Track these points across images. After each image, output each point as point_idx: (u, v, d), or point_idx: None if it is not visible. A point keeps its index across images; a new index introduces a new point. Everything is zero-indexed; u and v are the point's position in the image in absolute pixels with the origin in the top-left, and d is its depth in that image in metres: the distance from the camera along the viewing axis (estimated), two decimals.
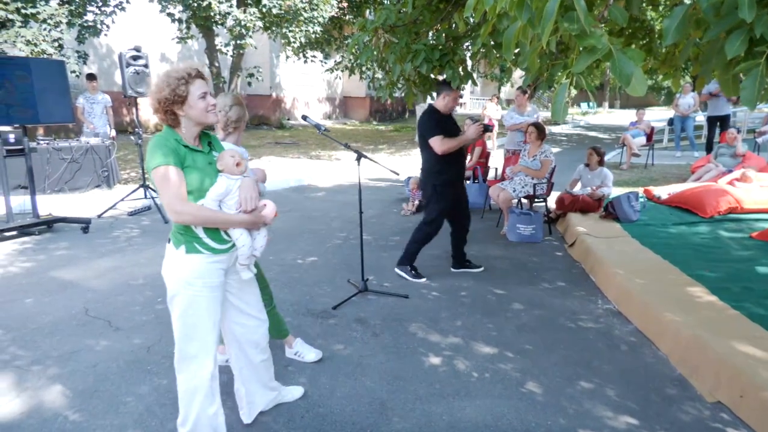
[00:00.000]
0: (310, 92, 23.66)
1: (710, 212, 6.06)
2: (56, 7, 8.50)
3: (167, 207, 2.04)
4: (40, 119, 5.81)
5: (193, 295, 2.13)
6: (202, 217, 2.08)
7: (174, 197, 2.01)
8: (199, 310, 2.15)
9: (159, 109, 2.08)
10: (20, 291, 4.22)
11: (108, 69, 15.50)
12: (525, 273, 4.76)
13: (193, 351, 2.18)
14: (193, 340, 2.17)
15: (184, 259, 2.11)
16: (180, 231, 2.12)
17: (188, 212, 2.05)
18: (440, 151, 4.25)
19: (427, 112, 4.40)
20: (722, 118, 10.48)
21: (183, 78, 2.05)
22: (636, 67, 1.80)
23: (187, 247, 2.11)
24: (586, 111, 32.17)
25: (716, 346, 2.92)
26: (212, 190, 2.10)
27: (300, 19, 10.45)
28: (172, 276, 2.15)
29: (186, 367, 2.20)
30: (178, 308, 2.15)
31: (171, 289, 2.15)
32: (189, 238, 2.11)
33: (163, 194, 2.02)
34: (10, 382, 2.90)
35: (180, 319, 2.16)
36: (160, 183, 2.01)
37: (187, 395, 2.22)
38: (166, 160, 2.00)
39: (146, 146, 2.13)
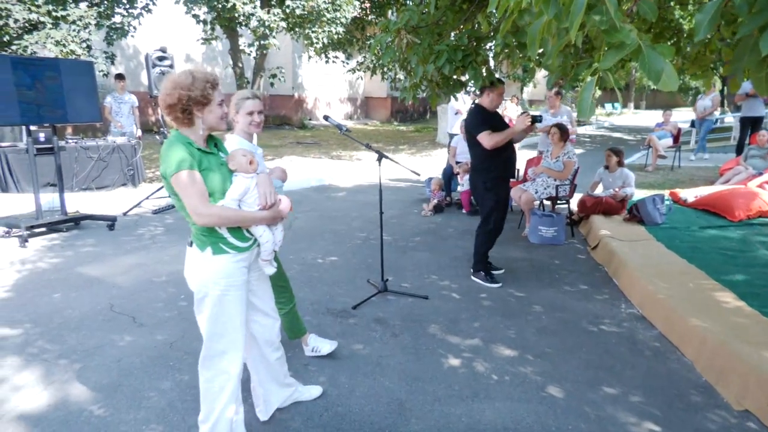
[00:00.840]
0: (331, 92, 23.77)
1: (739, 216, 5.91)
2: (85, 9, 8.69)
3: (192, 211, 2.02)
4: (69, 119, 5.96)
5: (222, 295, 2.14)
6: (226, 217, 2.09)
7: (198, 201, 2.01)
8: (229, 309, 2.17)
9: (177, 108, 2.04)
10: (48, 286, 4.32)
11: (134, 70, 15.80)
12: (546, 275, 4.70)
13: (221, 349, 2.21)
14: (223, 338, 2.20)
15: (212, 260, 2.13)
16: (204, 233, 2.12)
17: (214, 214, 2.05)
18: (489, 146, 4.24)
19: (473, 111, 4.44)
20: (756, 120, 10.20)
21: (209, 82, 2.08)
22: (666, 62, 1.76)
23: (213, 248, 2.12)
24: (610, 112, 31.67)
25: (744, 353, 2.84)
26: (231, 190, 2.12)
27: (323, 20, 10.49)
28: (199, 278, 2.16)
29: (214, 365, 2.23)
30: (207, 309, 2.17)
31: (199, 291, 2.16)
32: (214, 240, 2.12)
33: (187, 198, 2.01)
34: (38, 374, 2.97)
35: (210, 320, 2.18)
36: (181, 188, 2.00)
37: (211, 393, 2.24)
38: (185, 165, 1.99)
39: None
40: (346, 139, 15.88)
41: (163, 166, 2.03)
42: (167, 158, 2.01)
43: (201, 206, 2.02)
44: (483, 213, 4.51)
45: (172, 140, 2.06)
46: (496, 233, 4.51)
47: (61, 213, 6.06)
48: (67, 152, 7.60)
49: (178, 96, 2.02)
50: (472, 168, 4.60)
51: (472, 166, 4.60)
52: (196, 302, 2.20)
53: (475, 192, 4.64)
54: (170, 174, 2.00)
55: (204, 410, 2.28)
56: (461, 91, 4.92)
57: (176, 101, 2.03)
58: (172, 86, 2.04)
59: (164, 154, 2.03)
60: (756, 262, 4.52)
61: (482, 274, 4.51)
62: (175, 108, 2.04)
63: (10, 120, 5.54)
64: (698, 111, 11.51)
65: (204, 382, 2.26)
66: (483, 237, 4.51)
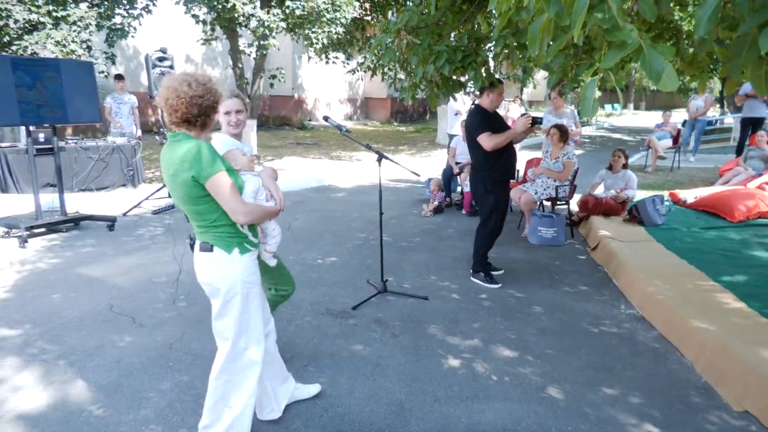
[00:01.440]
0: (331, 93, 23.76)
1: (739, 216, 5.91)
2: (86, 10, 8.69)
3: (235, 209, 2.04)
4: (69, 119, 5.95)
5: (248, 292, 2.21)
6: (258, 213, 2.18)
7: (239, 199, 2.07)
8: (254, 304, 2.25)
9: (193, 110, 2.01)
10: (48, 287, 4.32)
11: (134, 70, 15.79)
12: (546, 276, 4.70)
13: (243, 346, 2.26)
14: (246, 334, 2.25)
15: (240, 260, 2.17)
16: (230, 234, 2.14)
17: (252, 211, 2.13)
18: (489, 148, 4.25)
19: (473, 112, 4.43)
20: (756, 121, 10.20)
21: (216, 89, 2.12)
22: (666, 63, 1.76)
23: (240, 248, 2.17)
24: (610, 113, 31.67)
25: (744, 354, 2.84)
26: (247, 188, 2.20)
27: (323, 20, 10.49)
28: (228, 279, 2.16)
29: (237, 366, 2.26)
30: (236, 308, 2.19)
31: (228, 292, 2.17)
32: (239, 240, 2.17)
33: (227, 198, 2.03)
34: (38, 375, 2.97)
35: (240, 318, 2.21)
36: (221, 188, 2.01)
37: (227, 393, 2.26)
38: (222, 166, 2.03)
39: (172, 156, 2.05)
40: (345, 140, 15.88)
41: (196, 168, 1.97)
42: (202, 160, 1.97)
43: (241, 204, 2.07)
44: (483, 214, 4.51)
45: (196, 143, 2.01)
46: (495, 234, 4.51)
47: (61, 213, 6.05)
48: (66, 153, 7.59)
49: (211, 102, 2.06)
50: (473, 169, 4.60)
51: (473, 167, 4.60)
52: (221, 306, 2.20)
53: (475, 193, 4.64)
54: (209, 175, 1.98)
55: (212, 415, 2.28)
56: (461, 92, 4.92)
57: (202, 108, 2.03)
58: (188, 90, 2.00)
59: (196, 157, 1.97)
60: (756, 262, 4.52)
61: (482, 274, 4.51)
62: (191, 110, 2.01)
63: (10, 120, 5.53)
64: (691, 111, 11.48)
65: (222, 385, 2.26)
66: (483, 238, 4.51)
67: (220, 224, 2.12)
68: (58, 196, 6.08)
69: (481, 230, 4.52)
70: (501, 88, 4.38)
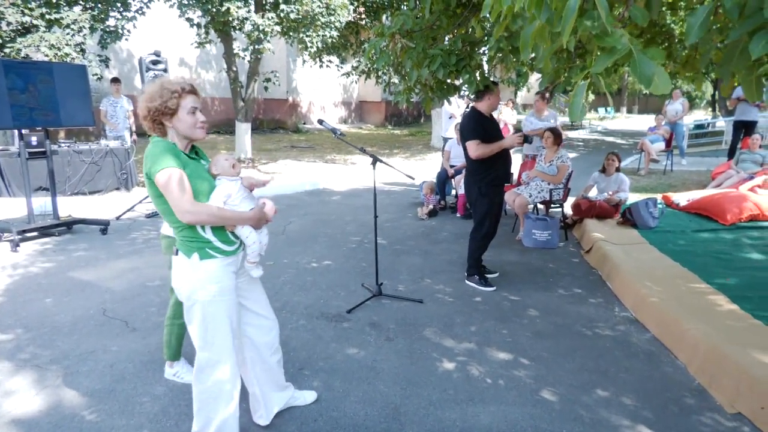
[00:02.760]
0: (326, 96, 23.78)
1: (731, 219, 5.95)
2: (79, 13, 8.66)
3: (178, 208, 2.00)
4: (62, 122, 5.92)
5: (212, 301, 2.13)
6: (214, 215, 2.07)
7: (186, 198, 2.00)
8: (219, 314, 2.15)
9: (147, 117, 2.08)
10: (40, 291, 4.29)
11: (128, 73, 15.75)
12: (540, 279, 4.72)
13: (215, 357, 2.19)
14: (213, 345, 2.17)
15: (199, 266, 2.11)
16: (189, 238, 2.11)
17: (202, 211, 2.04)
18: (474, 156, 4.29)
19: (468, 116, 4.45)
20: (749, 124, 10.28)
21: (176, 92, 2.06)
22: (657, 66, 1.77)
23: (200, 253, 2.10)
24: (603, 116, 31.85)
25: (737, 356, 2.86)
26: (216, 193, 2.12)
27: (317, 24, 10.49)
28: (187, 285, 2.14)
29: (207, 377, 2.20)
30: (198, 316, 2.14)
31: (189, 298, 2.14)
32: (200, 244, 2.11)
33: (173, 196, 1.99)
34: (30, 380, 2.94)
35: (200, 327, 2.16)
36: (167, 185, 1.98)
37: (206, 402, 2.23)
38: (172, 163, 1.99)
39: None
40: (340, 143, 15.89)
41: (148, 165, 2.02)
42: (152, 157, 2.02)
43: (188, 204, 2.00)
44: (477, 217, 4.52)
45: (158, 143, 2.07)
46: (489, 237, 4.52)
47: (54, 217, 6.02)
48: (59, 156, 7.57)
49: (146, 107, 2.07)
50: (468, 171, 4.61)
51: (468, 169, 4.61)
52: (185, 311, 2.18)
53: (469, 195, 4.64)
54: (155, 172, 1.99)
55: (199, 421, 2.26)
56: (455, 95, 4.93)
57: (146, 112, 2.08)
58: (143, 98, 2.09)
59: (149, 154, 2.04)
60: (748, 264, 4.55)
61: (476, 277, 4.52)
62: (146, 119, 2.09)
63: (2, 124, 5.50)
64: (669, 115, 11.50)
65: (199, 394, 2.23)
66: (476, 241, 4.52)
67: (179, 227, 2.11)
68: (50, 199, 6.04)
69: (475, 233, 4.52)
70: (498, 90, 4.42)
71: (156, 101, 2.05)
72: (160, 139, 2.11)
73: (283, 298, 4.18)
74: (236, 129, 11.66)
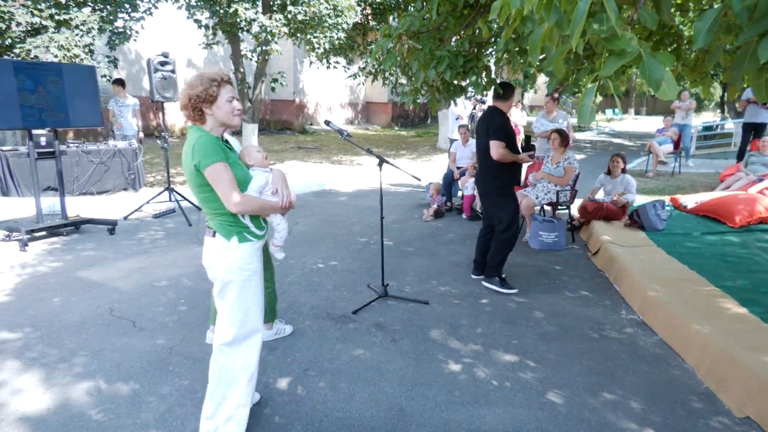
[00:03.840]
0: (332, 97, 23.81)
1: (740, 222, 5.91)
2: (88, 14, 8.72)
3: (228, 199, 2.16)
4: (70, 123, 5.96)
5: (246, 280, 2.30)
6: (257, 205, 2.29)
7: (233, 189, 2.17)
8: (251, 293, 2.33)
9: (188, 106, 2.19)
10: (49, 290, 4.32)
11: (136, 74, 15.85)
12: (547, 281, 4.70)
13: (244, 334, 2.34)
14: (245, 323, 2.33)
15: (237, 248, 2.28)
16: (230, 223, 2.27)
17: (246, 201, 2.21)
18: (496, 156, 4.24)
19: (495, 112, 4.38)
20: (758, 126, 10.19)
21: (215, 80, 2.22)
22: (666, 70, 1.76)
23: (239, 237, 2.28)
24: (611, 117, 31.71)
25: (746, 360, 2.83)
26: (254, 183, 2.31)
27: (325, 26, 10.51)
28: (224, 265, 2.27)
29: (236, 351, 2.34)
30: (232, 294, 2.29)
31: (224, 277, 2.28)
32: (239, 229, 2.28)
33: (224, 189, 2.16)
34: (38, 378, 2.96)
35: (234, 305, 2.30)
36: (217, 177, 2.14)
37: (224, 382, 2.32)
38: (220, 157, 2.15)
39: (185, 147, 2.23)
40: (347, 144, 15.90)
41: (197, 158, 2.14)
42: (202, 151, 2.14)
43: (235, 194, 2.17)
44: (502, 219, 4.38)
45: (204, 136, 2.19)
46: (515, 238, 4.47)
47: (62, 217, 6.06)
48: (68, 156, 7.63)
49: (188, 95, 2.19)
50: (483, 174, 4.49)
51: (483, 171, 4.48)
52: (219, 289, 2.31)
53: (485, 198, 4.54)
54: (207, 164, 2.13)
55: (212, 403, 2.32)
56: (461, 96, 4.93)
57: (186, 100, 2.20)
58: (184, 88, 2.23)
59: (198, 147, 2.15)
60: (757, 268, 4.51)
61: (497, 279, 4.45)
62: (187, 107, 2.21)
63: (12, 124, 5.54)
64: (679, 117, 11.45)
65: (218, 371, 2.33)
66: (503, 243, 4.42)
67: (221, 213, 2.26)
68: (59, 199, 6.08)
69: (502, 235, 4.41)
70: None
71: (197, 88, 2.18)
72: (203, 131, 2.23)
73: (289, 299, 4.19)
74: (243, 130, 11.70)
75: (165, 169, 7.35)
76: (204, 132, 2.22)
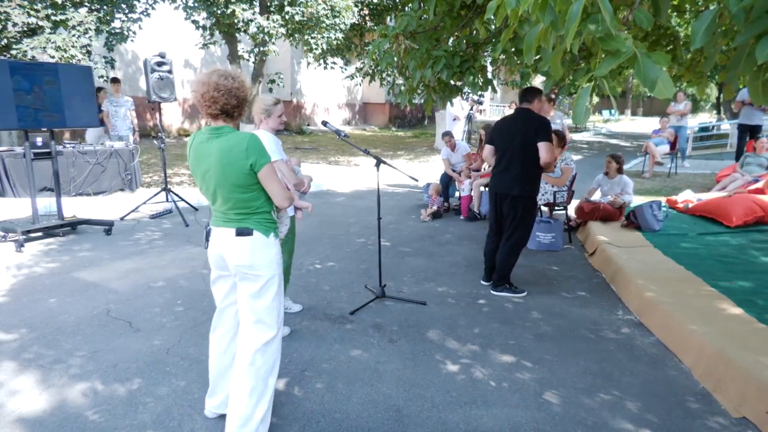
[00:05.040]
0: (330, 98, 23.82)
1: (736, 222, 5.92)
2: (85, 15, 8.71)
3: (282, 195, 2.28)
4: (66, 123, 5.94)
5: (280, 274, 2.41)
6: (292, 198, 2.39)
7: (284, 186, 2.28)
8: (281, 287, 2.45)
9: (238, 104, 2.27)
10: (44, 291, 4.30)
11: (133, 75, 15.81)
12: (544, 281, 4.70)
13: (276, 330, 2.41)
14: (279, 317, 2.42)
15: (275, 243, 2.38)
16: (267, 220, 2.35)
17: (290, 196, 2.35)
18: (548, 160, 4.02)
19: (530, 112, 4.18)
20: (753, 128, 10.24)
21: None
22: (661, 70, 1.77)
23: (274, 233, 2.38)
24: (608, 118, 31.78)
25: (742, 360, 2.84)
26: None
27: (322, 26, 10.52)
28: (268, 261, 2.34)
29: (273, 345, 2.40)
30: (274, 289, 2.38)
31: (267, 273, 2.34)
32: (273, 225, 2.38)
33: (277, 186, 2.26)
34: (34, 379, 2.95)
35: (275, 299, 2.39)
36: (273, 175, 2.25)
37: (263, 378, 2.36)
38: (272, 156, 2.31)
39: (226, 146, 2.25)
40: (344, 145, 15.90)
41: (255, 157, 2.19)
42: (259, 150, 2.21)
43: (286, 190, 2.30)
44: (521, 225, 4.24)
45: (253, 135, 2.25)
46: (523, 245, 4.38)
47: (58, 217, 6.04)
48: (64, 157, 7.61)
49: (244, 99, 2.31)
50: (516, 176, 4.16)
51: (516, 174, 4.15)
52: (261, 287, 2.34)
53: (515, 201, 4.19)
54: (264, 163, 2.21)
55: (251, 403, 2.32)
56: (457, 97, 4.93)
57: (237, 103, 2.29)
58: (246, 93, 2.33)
59: (254, 147, 2.20)
60: (753, 268, 4.53)
61: (506, 287, 4.37)
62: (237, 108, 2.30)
63: (8, 124, 5.53)
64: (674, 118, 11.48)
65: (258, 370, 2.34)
66: (516, 251, 4.33)
67: (262, 210, 2.32)
68: (55, 200, 6.07)
69: (516, 244, 4.29)
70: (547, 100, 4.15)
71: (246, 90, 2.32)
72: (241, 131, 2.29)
73: (286, 300, 4.18)
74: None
75: (162, 169, 7.33)
76: (247, 132, 2.27)
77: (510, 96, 22.44)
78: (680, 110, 11.25)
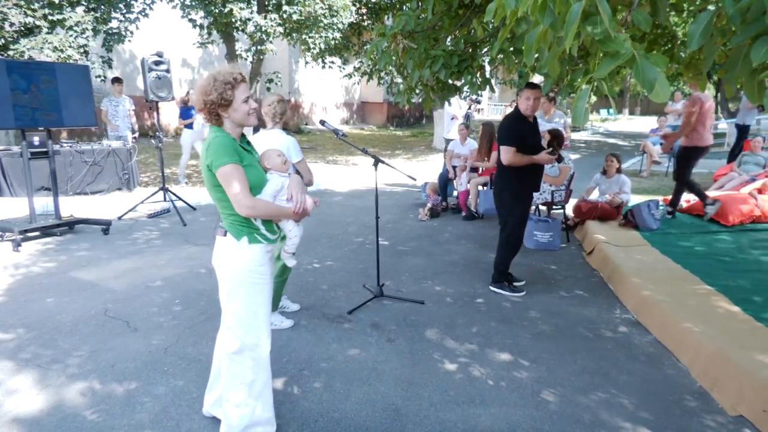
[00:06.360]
0: (328, 97, 23.80)
1: (733, 221, 5.94)
2: (82, 15, 8.68)
3: (238, 202, 2.12)
4: (64, 122, 5.93)
5: (255, 283, 2.26)
6: (265, 210, 2.22)
7: (242, 192, 2.12)
8: (260, 297, 2.28)
9: (204, 110, 2.16)
10: (42, 290, 4.30)
11: (130, 74, 15.78)
12: (542, 281, 4.71)
13: (253, 340, 2.28)
14: (253, 328, 2.27)
15: (247, 249, 2.23)
16: (241, 223, 2.22)
17: (256, 206, 2.17)
18: (506, 162, 4.13)
19: (509, 117, 4.30)
20: (742, 128, 10.29)
21: (229, 83, 2.13)
22: (659, 72, 1.77)
23: (249, 237, 2.23)
24: (605, 118, 31.82)
25: (739, 359, 2.85)
26: (269, 186, 2.26)
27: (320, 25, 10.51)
28: (233, 266, 2.24)
29: (247, 357, 2.28)
30: (240, 297, 2.25)
31: (232, 278, 2.25)
32: (250, 230, 2.24)
33: (234, 191, 2.12)
34: (32, 379, 2.95)
35: (241, 309, 2.26)
36: (228, 179, 2.10)
37: (245, 386, 2.29)
38: (233, 159, 2.11)
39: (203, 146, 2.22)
40: (342, 144, 15.89)
41: (210, 158, 2.12)
42: (216, 151, 2.11)
43: (244, 198, 2.13)
44: (509, 224, 4.32)
45: (220, 137, 2.16)
46: (520, 244, 4.41)
47: (56, 217, 6.02)
48: (61, 156, 7.60)
49: (203, 101, 2.14)
50: (499, 173, 4.37)
51: (500, 172, 4.35)
52: (227, 291, 2.27)
53: (498, 198, 4.41)
54: (219, 165, 2.10)
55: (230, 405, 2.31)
56: (456, 96, 4.92)
57: (202, 105, 2.16)
58: (197, 92, 2.16)
59: (212, 147, 2.13)
60: (751, 267, 4.54)
61: (504, 284, 4.41)
62: (203, 111, 2.17)
63: (5, 124, 5.51)
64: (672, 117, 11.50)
65: (233, 378, 2.29)
66: (508, 248, 4.37)
67: (232, 213, 2.21)
68: (52, 199, 6.05)
69: (507, 240, 4.35)
70: (536, 92, 4.13)
71: (212, 95, 2.11)
72: (221, 131, 2.19)
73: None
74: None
75: (159, 168, 7.32)
76: (221, 132, 2.18)
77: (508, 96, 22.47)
78: (678, 110, 11.29)
